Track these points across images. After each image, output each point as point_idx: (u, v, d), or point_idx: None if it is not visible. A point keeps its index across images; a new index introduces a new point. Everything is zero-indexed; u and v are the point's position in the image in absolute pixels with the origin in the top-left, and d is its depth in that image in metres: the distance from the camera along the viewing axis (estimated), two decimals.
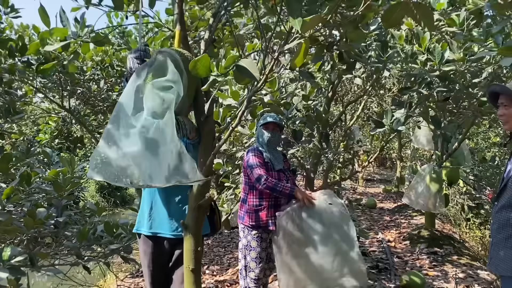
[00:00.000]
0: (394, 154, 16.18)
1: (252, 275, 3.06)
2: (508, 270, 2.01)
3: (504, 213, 2.06)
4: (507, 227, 2.03)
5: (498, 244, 2.09)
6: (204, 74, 1.37)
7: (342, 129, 6.80)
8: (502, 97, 2.06)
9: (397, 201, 9.71)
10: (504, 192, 2.08)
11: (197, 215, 2.09)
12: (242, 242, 3.17)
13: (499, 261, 2.08)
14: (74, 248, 2.97)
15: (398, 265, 4.93)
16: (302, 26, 1.16)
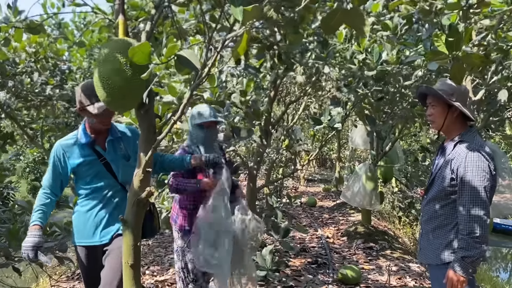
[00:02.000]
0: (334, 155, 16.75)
1: (190, 277, 2.95)
2: (435, 258, 2.14)
3: (431, 205, 2.19)
4: (435, 219, 2.17)
5: (426, 235, 2.23)
6: (143, 61, 1.35)
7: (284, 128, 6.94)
8: (430, 98, 2.19)
9: (336, 200, 10.05)
10: (432, 186, 2.21)
11: (136, 210, 2.04)
12: (177, 243, 3.01)
13: (427, 250, 2.22)
14: (3, 248, 2.80)
15: (336, 260, 5.11)
16: (244, 16, 1.18)
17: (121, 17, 1.89)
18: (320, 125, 3.30)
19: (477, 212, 1.92)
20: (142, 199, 2.02)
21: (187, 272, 2.96)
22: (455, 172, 2.01)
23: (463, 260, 1.93)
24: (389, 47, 3.16)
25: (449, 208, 2.11)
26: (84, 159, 2.32)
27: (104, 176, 2.37)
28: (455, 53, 1.77)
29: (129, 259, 2.04)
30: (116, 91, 1.77)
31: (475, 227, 1.91)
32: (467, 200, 1.96)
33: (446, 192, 2.09)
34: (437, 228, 2.16)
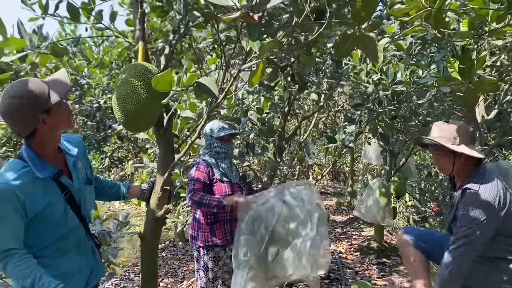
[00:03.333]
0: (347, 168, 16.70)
1: None
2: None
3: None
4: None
5: None
6: (166, 89, 1.43)
7: (296, 142, 6.99)
8: (432, 147, 2.20)
9: (349, 214, 10.01)
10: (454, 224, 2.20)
11: (154, 226, 2.12)
12: (198, 263, 3.01)
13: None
14: None
15: (348, 275, 5.10)
16: (260, 49, 1.25)
17: (141, 43, 1.99)
18: (334, 144, 3.35)
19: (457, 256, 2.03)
20: (160, 216, 2.10)
21: None
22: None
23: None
24: (402, 67, 3.21)
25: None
26: (49, 200, 1.64)
27: (69, 217, 1.73)
28: (468, 80, 1.81)
29: (147, 273, 2.11)
30: (132, 113, 1.86)
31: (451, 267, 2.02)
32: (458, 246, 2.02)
33: None
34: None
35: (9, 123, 1.56)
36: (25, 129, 1.57)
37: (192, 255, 6.51)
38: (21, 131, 1.58)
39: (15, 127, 1.57)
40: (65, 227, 1.70)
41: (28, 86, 1.53)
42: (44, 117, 1.57)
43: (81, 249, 1.82)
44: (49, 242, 1.67)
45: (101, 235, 3.07)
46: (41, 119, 1.56)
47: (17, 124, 1.56)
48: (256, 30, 1.27)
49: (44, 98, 1.55)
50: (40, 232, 1.64)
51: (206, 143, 3.05)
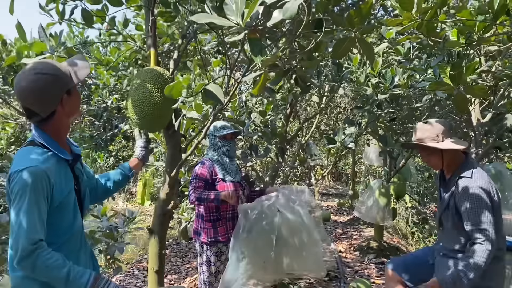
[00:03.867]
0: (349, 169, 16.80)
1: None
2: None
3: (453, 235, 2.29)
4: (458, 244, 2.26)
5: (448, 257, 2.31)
6: (177, 96, 1.56)
7: (298, 144, 7.12)
8: (419, 148, 2.29)
9: (350, 215, 10.12)
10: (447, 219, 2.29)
11: (162, 221, 2.25)
12: (201, 257, 3.13)
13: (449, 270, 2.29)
14: None
15: (348, 274, 5.22)
16: (262, 62, 1.38)
17: (153, 50, 2.12)
18: (334, 145, 3.47)
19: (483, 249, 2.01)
20: (168, 211, 2.23)
21: (209, 285, 3.11)
22: (460, 209, 2.12)
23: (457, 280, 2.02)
24: (400, 71, 3.33)
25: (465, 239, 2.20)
26: (70, 188, 1.60)
27: (76, 211, 1.67)
28: (458, 85, 1.93)
29: (155, 265, 2.24)
30: (147, 115, 2.00)
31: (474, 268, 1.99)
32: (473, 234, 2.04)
33: (460, 225, 2.17)
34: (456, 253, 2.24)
35: (30, 101, 1.48)
36: (46, 108, 1.51)
37: (195, 252, 6.65)
38: (41, 111, 1.50)
39: (36, 106, 1.49)
40: (75, 223, 1.63)
41: (54, 64, 1.53)
42: (65, 97, 1.54)
43: (85, 250, 1.75)
44: (63, 240, 1.57)
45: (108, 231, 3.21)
46: (62, 100, 1.52)
47: (39, 102, 1.48)
48: (258, 45, 1.39)
49: (68, 77, 1.54)
50: (58, 226, 1.54)
51: (209, 142, 3.18)
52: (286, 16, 1.38)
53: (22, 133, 6.95)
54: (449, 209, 2.24)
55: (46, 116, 1.52)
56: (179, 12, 2.63)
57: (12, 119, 6.65)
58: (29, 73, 1.47)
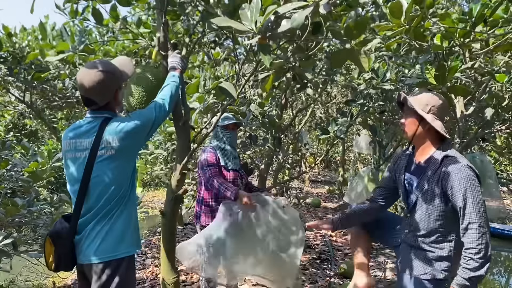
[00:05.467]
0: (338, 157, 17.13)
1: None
2: (423, 273, 2.14)
3: (422, 223, 2.16)
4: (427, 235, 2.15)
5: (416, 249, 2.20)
6: (194, 92, 1.77)
7: (291, 133, 7.35)
8: (405, 106, 2.16)
9: (340, 201, 10.44)
10: (418, 205, 2.15)
11: (173, 205, 2.47)
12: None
13: (415, 263, 2.19)
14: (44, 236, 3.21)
15: (338, 256, 5.52)
16: (271, 64, 1.59)
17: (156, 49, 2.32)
18: (327, 135, 3.69)
19: (484, 231, 1.89)
20: (178, 195, 2.46)
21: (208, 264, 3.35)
22: (449, 192, 1.98)
23: (471, 280, 1.89)
24: (393, 67, 3.55)
25: (444, 224, 2.09)
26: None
27: None
28: (442, 85, 2.16)
29: (167, 245, 2.47)
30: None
31: (482, 248, 1.87)
32: (472, 221, 1.89)
33: (439, 211, 2.06)
34: (430, 244, 2.14)
35: (92, 92, 1.83)
36: (104, 98, 1.87)
37: (190, 236, 6.88)
38: (100, 101, 1.86)
39: (97, 96, 1.85)
40: None
41: (111, 63, 1.92)
42: (118, 91, 1.93)
43: None
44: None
45: None
46: (115, 92, 1.92)
47: (100, 94, 1.85)
48: (267, 49, 1.60)
49: (120, 75, 1.93)
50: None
51: (213, 131, 3.40)
52: (294, 25, 1.58)
53: (20, 120, 7.07)
54: (422, 194, 2.11)
55: (102, 105, 1.88)
56: (184, 11, 2.81)
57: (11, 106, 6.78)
58: (92, 70, 1.82)
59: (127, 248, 1.87)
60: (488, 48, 2.29)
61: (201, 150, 3.47)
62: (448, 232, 2.10)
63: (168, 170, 5.37)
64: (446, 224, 2.08)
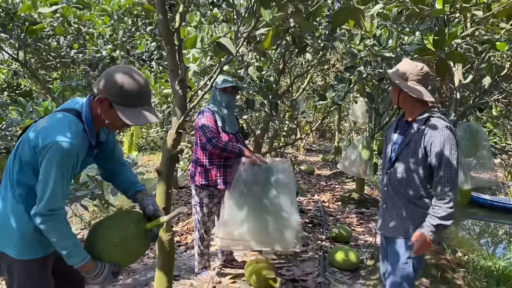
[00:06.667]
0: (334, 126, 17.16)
1: (205, 228, 3.42)
2: (404, 232, 2.23)
3: (400, 181, 2.26)
4: (404, 194, 2.24)
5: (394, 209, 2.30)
6: (192, 47, 1.74)
7: (288, 100, 7.33)
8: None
9: (333, 169, 10.54)
10: (398, 162, 2.25)
11: (169, 164, 2.48)
12: (194, 199, 3.43)
13: (394, 224, 2.29)
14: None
15: (330, 221, 5.62)
16: (271, 19, 1.56)
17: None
18: (325, 101, 3.68)
19: (453, 186, 2.07)
20: (174, 154, 2.47)
21: (202, 224, 3.42)
22: (428, 148, 2.11)
23: (437, 228, 2.07)
24: (395, 34, 3.50)
25: (422, 180, 2.18)
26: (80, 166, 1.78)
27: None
28: (440, 51, 2.14)
29: (162, 203, 2.50)
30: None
31: (451, 199, 2.05)
32: (445, 175, 2.06)
33: (418, 166, 2.16)
34: (407, 203, 2.23)
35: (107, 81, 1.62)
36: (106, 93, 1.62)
37: (185, 200, 6.97)
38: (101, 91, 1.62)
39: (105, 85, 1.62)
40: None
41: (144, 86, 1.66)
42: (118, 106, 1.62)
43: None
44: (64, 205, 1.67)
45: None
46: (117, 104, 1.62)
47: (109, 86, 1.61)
48: (268, 4, 1.58)
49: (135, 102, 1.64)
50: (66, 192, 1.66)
51: (211, 94, 3.39)
52: None
53: (14, 80, 6.98)
54: (405, 149, 2.22)
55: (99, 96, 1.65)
56: None
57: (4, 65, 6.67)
58: (128, 69, 1.65)
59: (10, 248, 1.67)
60: (490, 13, 2.26)
61: (198, 112, 3.46)
62: (423, 188, 2.20)
63: (164, 134, 5.37)
64: (424, 180, 2.18)
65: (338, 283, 3.58)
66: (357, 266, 3.86)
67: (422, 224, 2.13)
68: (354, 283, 3.58)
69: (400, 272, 2.24)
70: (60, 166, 1.55)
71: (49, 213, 1.57)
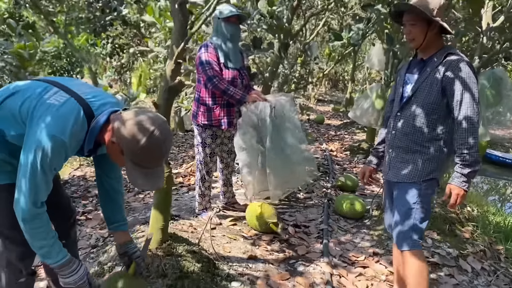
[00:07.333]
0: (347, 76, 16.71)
1: (206, 169, 3.30)
2: (413, 176, 2.10)
3: (412, 121, 2.10)
4: (416, 135, 2.09)
5: (403, 153, 2.15)
6: None
7: (301, 43, 6.98)
8: (407, 15, 2.07)
9: (344, 119, 10.31)
10: (412, 101, 2.11)
11: (168, 96, 2.30)
12: (197, 139, 3.28)
13: (402, 168, 2.14)
14: None
15: (337, 170, 5.49)
16: None
17: None
18: (340, 41, 3.42)
19: (477, 128, 1.93)
20: (173, 86, 2.27)
21: (204, 165, 3.29)
22: (447, 86, 1.96)
23: (469, 176, 1.92)
24: None
25: (435, 120, 2.05)
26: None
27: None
28: None
29: None
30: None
31: (476, 142, 1.91)
32: (468, 115, 1.90)
33: (433, 105, 2.02)
34: (418, 146, 2.09)
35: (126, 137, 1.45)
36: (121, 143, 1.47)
37: (191, 143, 6.86)
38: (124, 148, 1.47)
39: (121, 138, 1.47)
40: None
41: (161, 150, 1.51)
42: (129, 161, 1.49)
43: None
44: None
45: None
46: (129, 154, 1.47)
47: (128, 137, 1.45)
48: None
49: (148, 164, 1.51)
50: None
51: (214, 26, 3.14)
52: None
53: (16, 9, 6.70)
54: (419, 88, 2.07)
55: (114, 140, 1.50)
56: None
57: None
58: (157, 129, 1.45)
59: None
60: None
61: (200, 45, 3.23)
62: (439, 130, 2.06)
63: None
64: (437, 121, 2.05)
65: (341, 230, 3.49)
66: (362, 215, 3.76)
67: (452, 176, 1.97)
68: (358, 231, 3.48)
69: (408, 220, 2.09)
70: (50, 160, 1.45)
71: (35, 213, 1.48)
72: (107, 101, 1.61)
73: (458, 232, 3.34)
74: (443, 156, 2.08)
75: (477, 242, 3.29)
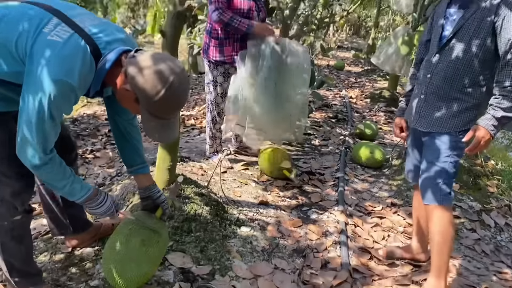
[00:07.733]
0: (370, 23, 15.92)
1: (218, 110, 3.11)
2: (447, 126, 1.91)
3: (452, 64, 1.89)
4: (455, 81, 1.89)
5: (438, 100, 1.94)
6: None
7: None
8: None
9: (365, 66, 9.89)
10: (453, 41, 1.87)
11: (176, 23, 2.07)
12: (208, 76, 3.07)
13: (436, 117, 1.94)
14: None
15: (355, 118, 5.25)
16: None
17: None
18: None
19: None
20: (181, 11, 2.04)
21: (215, 105, 3.10)
22: (499, 24, 1.72)
23: (501, 120, 1.72)
24: None
25: (478, 65, 1.83)
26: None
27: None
28: None
29: None
30: None
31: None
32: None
33: (480, 47, 1.80)
34: (457, 93, 1.88)
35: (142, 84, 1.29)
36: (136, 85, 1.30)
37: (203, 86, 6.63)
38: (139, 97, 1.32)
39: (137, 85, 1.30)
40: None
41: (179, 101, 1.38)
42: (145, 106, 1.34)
43: None
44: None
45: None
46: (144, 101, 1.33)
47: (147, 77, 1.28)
48: None
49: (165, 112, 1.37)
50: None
51: None
52: None
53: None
54: (464, 26, 1.82)
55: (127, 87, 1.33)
56: None
57: None
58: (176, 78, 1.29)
59: None
60: None
61: None
62: (480, 75, 1.84)
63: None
64: (480, 65, 1.82)
65: (358, 179, 3.32)
66: (381, 164, 3.57)
67: (481, 117, 1.74)
68: (376, 181, 3.31)
69: (439, 171, 1.88)
70: (59, 104, 1.31)
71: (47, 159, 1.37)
72: (115, 38, 1.40)
73: (483, 186, 3.15)
74: (484, 105, 1.83)
75: (501, 196, 3.10)
